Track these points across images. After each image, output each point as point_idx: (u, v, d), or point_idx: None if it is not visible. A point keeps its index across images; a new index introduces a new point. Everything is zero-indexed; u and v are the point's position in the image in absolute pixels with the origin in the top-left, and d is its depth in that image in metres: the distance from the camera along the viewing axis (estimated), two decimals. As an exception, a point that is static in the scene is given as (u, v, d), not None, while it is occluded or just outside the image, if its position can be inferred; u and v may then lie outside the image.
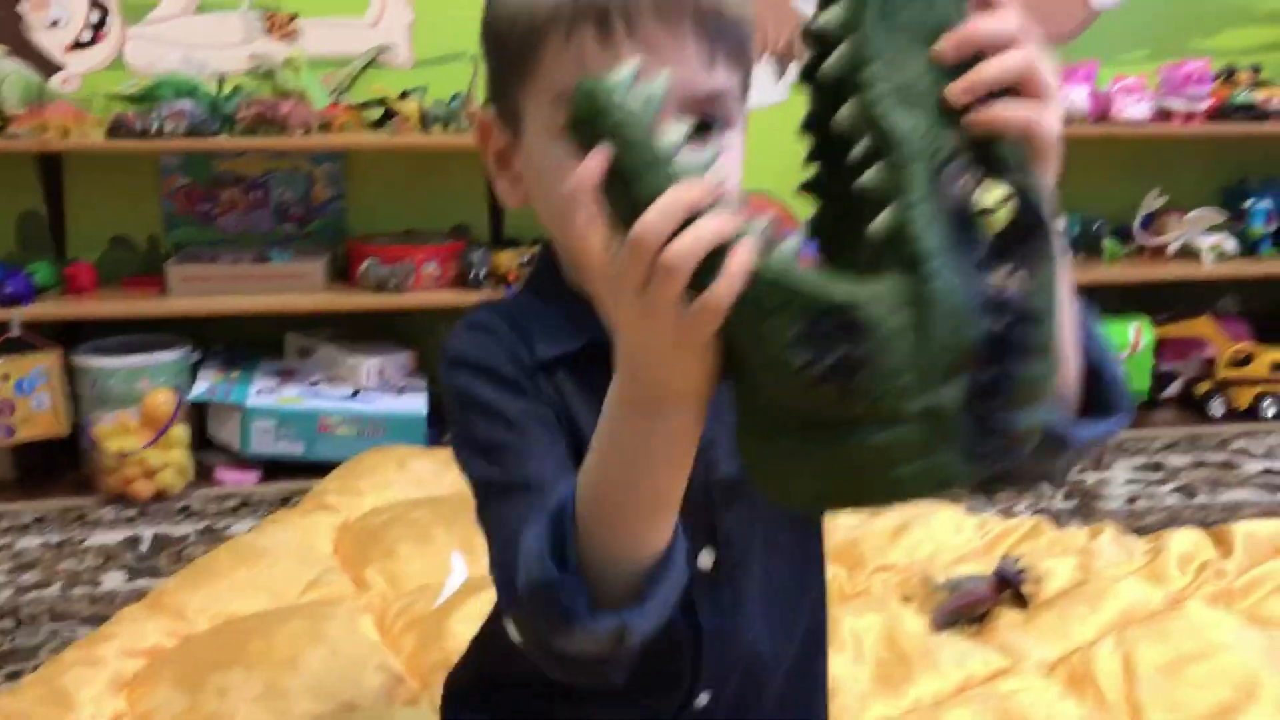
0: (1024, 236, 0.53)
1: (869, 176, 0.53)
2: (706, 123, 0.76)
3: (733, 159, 0.79)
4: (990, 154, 0.53)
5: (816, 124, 0.58)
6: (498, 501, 0.77)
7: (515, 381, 0.79)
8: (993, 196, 0.52)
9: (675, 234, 0.54)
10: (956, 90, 0.54)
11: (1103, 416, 0.70)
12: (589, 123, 0.56)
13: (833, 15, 0.55)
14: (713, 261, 0.54)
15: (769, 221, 0.55)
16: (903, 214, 0.52)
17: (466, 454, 0.80)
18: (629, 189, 0.55)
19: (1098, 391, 0.70)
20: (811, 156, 0.59)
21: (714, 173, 0.56)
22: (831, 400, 0.53)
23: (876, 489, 0.56)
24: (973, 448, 0.54)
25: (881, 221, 0.52)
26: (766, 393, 0.56)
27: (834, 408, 0.54)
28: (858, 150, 0.54)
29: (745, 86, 0.81)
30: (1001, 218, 0.52)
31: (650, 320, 0.57)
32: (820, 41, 0.56)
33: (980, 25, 0.55)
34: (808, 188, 0.60)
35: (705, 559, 0.84)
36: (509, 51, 0.77)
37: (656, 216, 0.54)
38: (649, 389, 0.61)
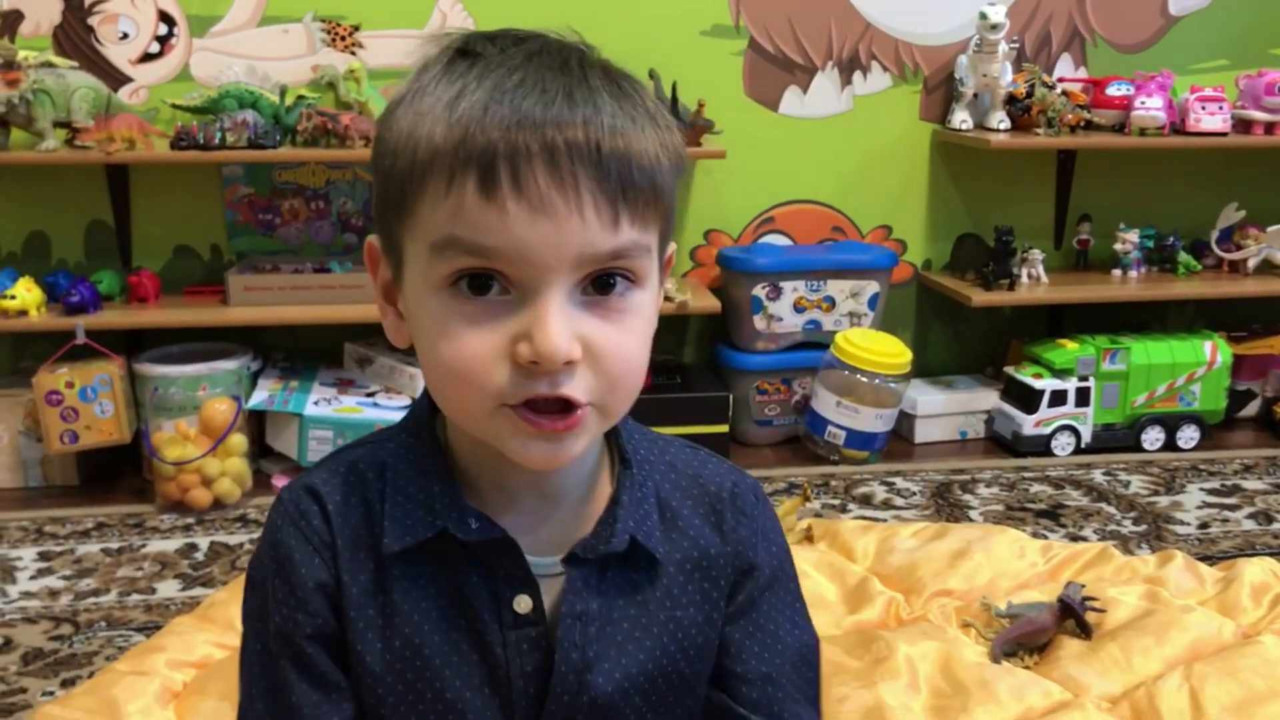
0: None
1: None
2: (607, 279, 0.68)
3: (638, 323, 0.70)
4: None
5: None
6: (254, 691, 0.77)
7: (314, 584, 0.75)
8: None
9: None
10: None
11: None
12: None
13: None
14: None
15: None
16: None
17: (245, 609, 0.79)
18: None
19: None
20: None
21: None
22: None
23: None
24: None
25: None
26: None
27: None
28: None
29: (663, 237, 0.73)
30: None
31: None
32: None
33: None
34: None
35: None
36: (392, 184, 0.69)
37: None
38: None
